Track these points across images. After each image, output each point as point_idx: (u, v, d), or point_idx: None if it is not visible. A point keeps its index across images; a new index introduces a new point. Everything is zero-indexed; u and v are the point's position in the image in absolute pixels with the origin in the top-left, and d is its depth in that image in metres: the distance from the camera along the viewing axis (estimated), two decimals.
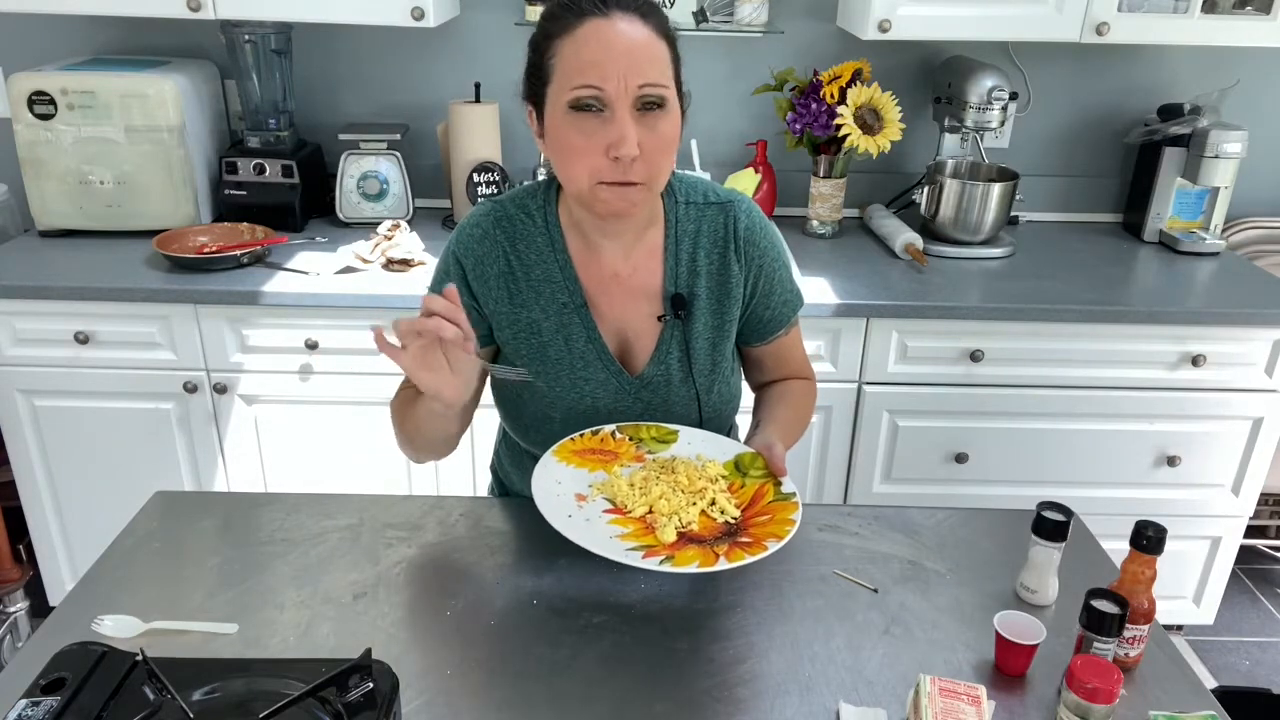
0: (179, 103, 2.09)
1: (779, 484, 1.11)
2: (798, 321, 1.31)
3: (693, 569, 0.97)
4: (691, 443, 1.20)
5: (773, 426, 1.23)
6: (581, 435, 1.19)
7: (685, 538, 1.03)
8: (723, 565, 0.97)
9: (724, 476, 1.13)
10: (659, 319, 1.21)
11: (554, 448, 1.16)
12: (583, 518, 1.05)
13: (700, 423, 1.25)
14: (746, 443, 1.22)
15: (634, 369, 1.22)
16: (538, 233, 1.19)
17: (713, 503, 1.08)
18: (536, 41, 1.07)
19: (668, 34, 1.07)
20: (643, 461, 1.16)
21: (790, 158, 2.38)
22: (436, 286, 1.22)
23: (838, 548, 1.22)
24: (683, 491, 1.09)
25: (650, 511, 1.07)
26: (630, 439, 1.19)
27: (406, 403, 1.20)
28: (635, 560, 0.97)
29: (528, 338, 1.20)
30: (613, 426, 1.20)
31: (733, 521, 1.07)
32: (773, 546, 0.99)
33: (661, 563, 0.97)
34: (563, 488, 1.10)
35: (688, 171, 1.25)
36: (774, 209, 2.39)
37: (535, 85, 1.08)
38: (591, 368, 1.20)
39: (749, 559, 0.97)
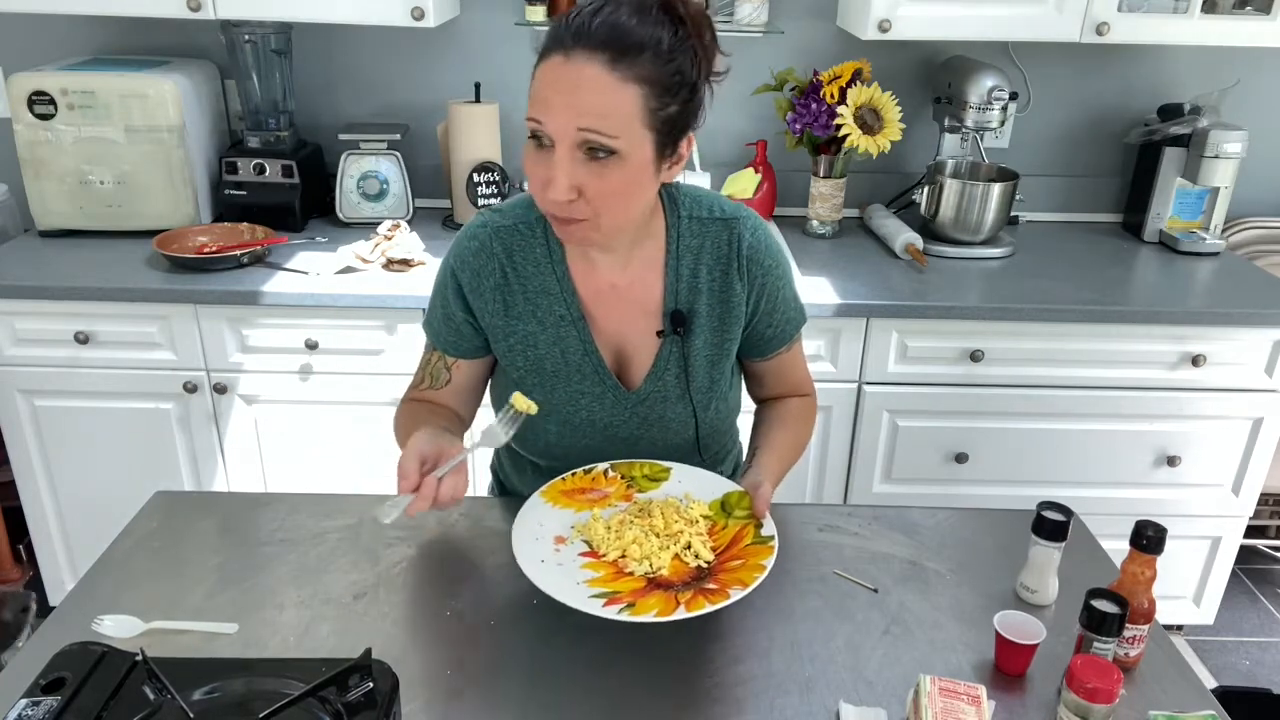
0: (179, 103, 2.09)
1: (760, 526, 1.10)
2: (800, 337, 1.29)
3: (650, 618, 0.96)
4: (682, 481, 1.18)
5: (768, 457, 1.21)
6: (573, 474, 1.18)
7: (653, 583, 1.03)
8: (681, 615, 0.96)
9: (706, 517, 1.13)
10: (658, 335, 1.19)
11: (543, 488, 1.16)
12: (555, 561, 1.06)
13: (697, 439, 1.24)
14: (741, 474, 1.21)
15: (631, 384, 1.21)
16: (536, 244, 1.17)
17: (688, 546, 1.08)
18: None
19: (650, 79, 0.98)
20: (631, 501, 1.15)
21: (790, 158, 2.38)
22: (436, 297, 1.22)
23: (838, 548, 1.22)
24: (657, 535, 1.08)
25: (623, 556, 1.06)
26: (622, 477, 1.19)
27: (413, 420, 1.20)
28: (595, 608, 0.97)
29: (524, 350, 1.19)
30: (606, 465, 1.20)
31: (705, 566, 1.06)
32: (735, 595, 0.98)
33: (620, 611, 0.97)
34: (544, 529, 1.10)
35: (693, 184, 1.23)
36: (774, 209, 2.39)
37: None
38: (588, 381, 1.19)
39: (709, 607, 0.96)
